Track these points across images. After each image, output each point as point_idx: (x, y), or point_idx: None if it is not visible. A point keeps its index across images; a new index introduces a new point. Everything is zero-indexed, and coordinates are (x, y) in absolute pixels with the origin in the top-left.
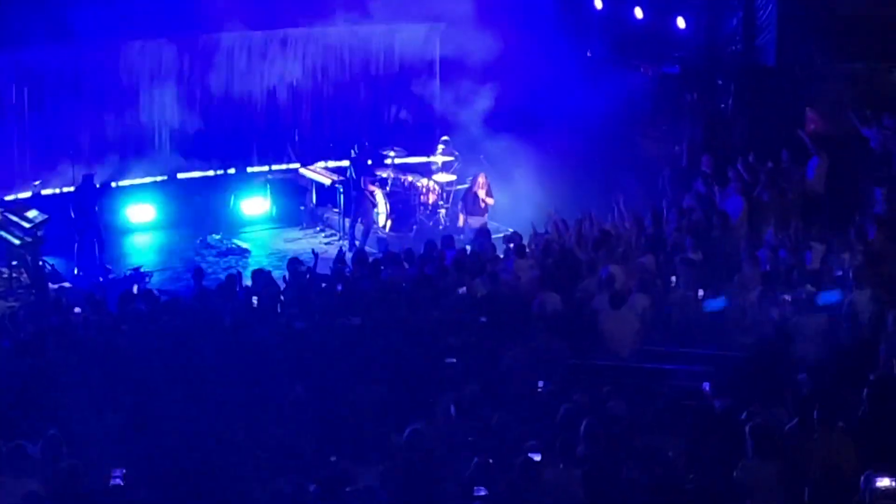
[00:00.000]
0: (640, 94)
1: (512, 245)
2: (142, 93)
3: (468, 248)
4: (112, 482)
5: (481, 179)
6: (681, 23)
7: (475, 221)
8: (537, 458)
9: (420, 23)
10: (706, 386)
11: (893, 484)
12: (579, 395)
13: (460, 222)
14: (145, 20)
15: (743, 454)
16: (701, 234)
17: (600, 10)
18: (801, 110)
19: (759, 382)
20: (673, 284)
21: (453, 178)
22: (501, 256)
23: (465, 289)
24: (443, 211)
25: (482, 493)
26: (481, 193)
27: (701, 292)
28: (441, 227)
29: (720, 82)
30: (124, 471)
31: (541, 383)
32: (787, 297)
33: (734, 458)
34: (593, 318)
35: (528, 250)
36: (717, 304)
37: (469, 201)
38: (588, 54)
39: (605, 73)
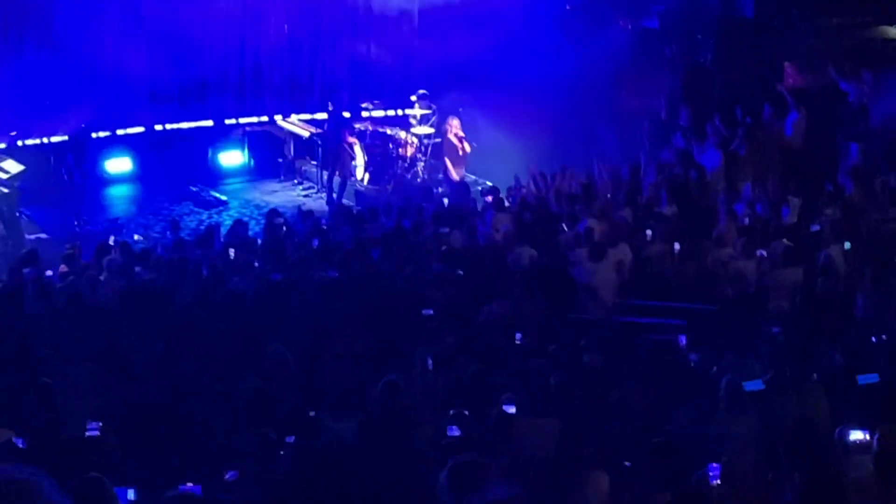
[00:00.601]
0: (618, 48)
1: (490, 199)
2: (118, 41)
3: (445, 200)
4: (88, 434)
5: (454, 122)
6: None
7: (457, 171)
8: (512, 410)
9: None
10: (682, 339)
11: (867, 438)
12: (555, 347)
13: (452, 172)
14: None
15: (717, 408)
16: (677, 188)
17: None
18: (780, 64)
19: (734, 336)
20: (649, 239)
21: (431, 131)
22: (479, 210)
23: (443, 243)
24: (421, 164)
25: (455, 433)
26: (454, 139)
27: (677, 246)
28: (419, 181)
29: (699, 36)
30: (101, 423)
31: (518, 336)
32: (763, 253)
33: (708, 412)
34: (571, 272)
35: (506, 204)
36: (756, 385)
37: (447, 149)
38: (567, 7)
39: (583, 26)
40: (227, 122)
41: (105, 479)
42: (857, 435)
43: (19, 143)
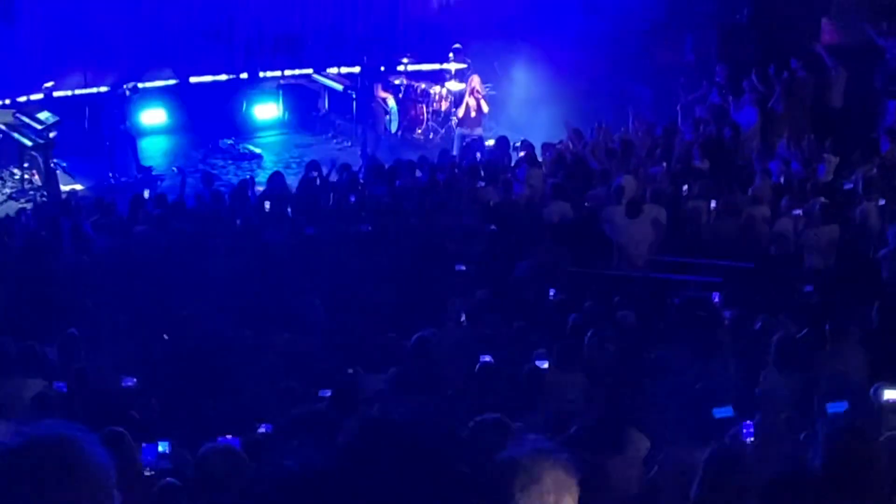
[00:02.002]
0: (655, 4)
1: (524, 154)
2: None
3: (478, 155)
4: (124, 385)
5: (474, 79)
6: None
7: (471, 132)
8: (544, 365)
9: None
10: (716, 296)
11: None
12: (589, 304)
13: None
14: None
15: (752, 365)
16: (712, 144)
17: None
18: (817, 21)
19: (769, 294)
20: (685, 194)
21: (465, 85)
22: (514, 165)
23: (477, 198)
24: (455, 118)
25: (487, 359)
26: (472, 101)
27: (713, 203)
28: (453, 135)
29: None
30: (136, 379)
31: (552, 292)
32: (799, 212)
33: (740, 369)
34: (605, 228)
35: (540, 159)
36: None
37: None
38: None
39: None
40: (262, 74)
41: (126, 434)
42: (891, 394)
43: (55, 94)
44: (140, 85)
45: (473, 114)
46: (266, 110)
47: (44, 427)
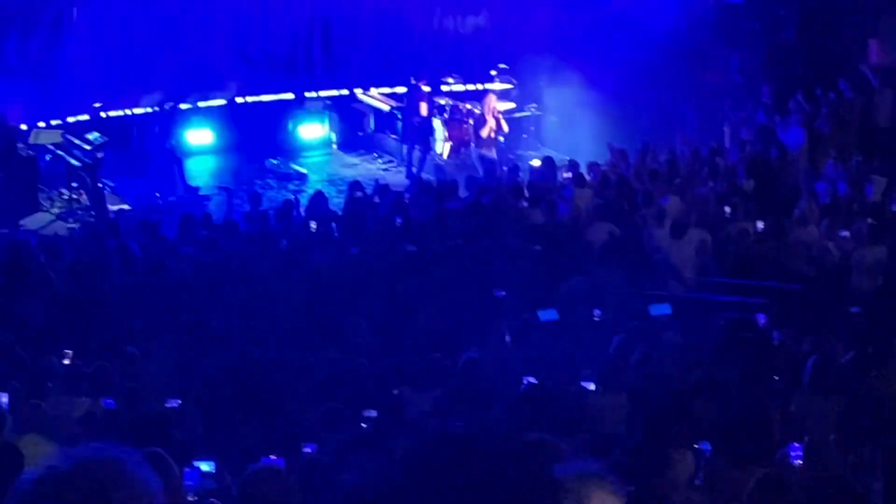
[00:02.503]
0: (700, 23)
1: (570, 174)
2: (199, 15)
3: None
4: (169, 406)
5: (491, 99)
6: None
7: (486, 152)
8: (591, 387)
9: None
10: (761, 318)
11: None
12: (635, 324)
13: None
14: None
15: (799, 387)
16: (758, 165)
17: None
18: (864, 41)
19: (815, 315)
20: (729, 216)
21: (511, 105)
22: (560, 185)
23: (522, 218)
24: (501, 139)
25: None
26: (492, 122)
27: (760, 224)
28: (498, 155)
29: (783, 12)
30: (180, 401)
31: (596, 312)
32: (846, 233)
33: (790, 391)
34: (651, 249)
35: (586, 179)
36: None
37: (474, 126)
38: None
39: (665, 1)
40: (308, 95)
41: (166, 455)
42: None
43: (103, 114)
44: (186, 105)
45: (493, 134)
46: (312, 130)
47: (92, 449)
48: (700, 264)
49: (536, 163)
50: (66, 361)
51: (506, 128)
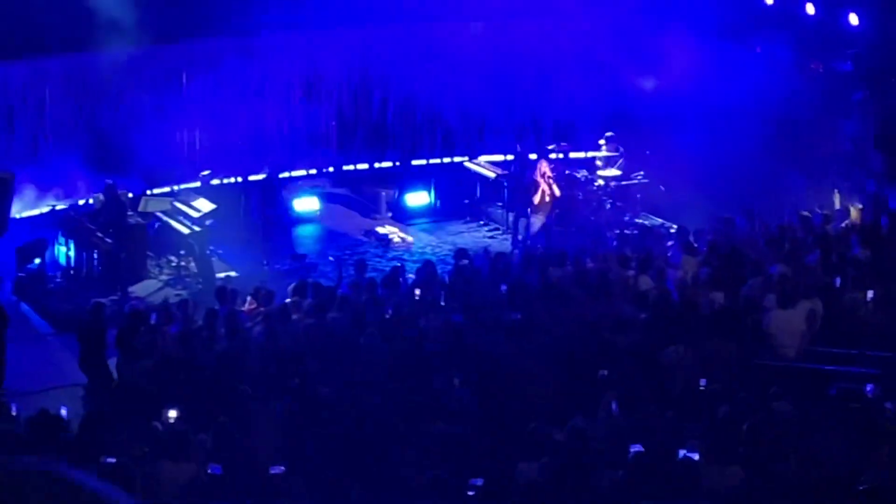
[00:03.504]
0: (809, 91)
1: (679, 241)
2: (310, 86)
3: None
4: (273, 472)
5: (542, 165)
6: (853, 19)
7: (535, 219)
8: (696, 457)
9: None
10: (869, 388)
11: None
12: (744, 394)
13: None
14: (328, 12)
15: None
16: (869, 234)
17: (771, 6)
18: None
19: None
20: (839, 285)
21: (618, 173)
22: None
23: (629, 286)
24: (607, 206)
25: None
26: (545, 187)
27: (870, 294)
28: (605, 223)
29: (893, 80)
30: (285, 468)
31: (702, 382)
32: None
33: None
34: (760, 318)
35: (694, 246)
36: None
37: (526, 193)
38: (757, 50)
39: (774, 69)
40: (414, 163)
41: None
42: None
43: (212, 182)
44: (293, 173)
45: (547, 199)
46: (418, 198)
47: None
48: (810, 333)
49: (643, 231)
50: (172, 425)
51: (557, 192)
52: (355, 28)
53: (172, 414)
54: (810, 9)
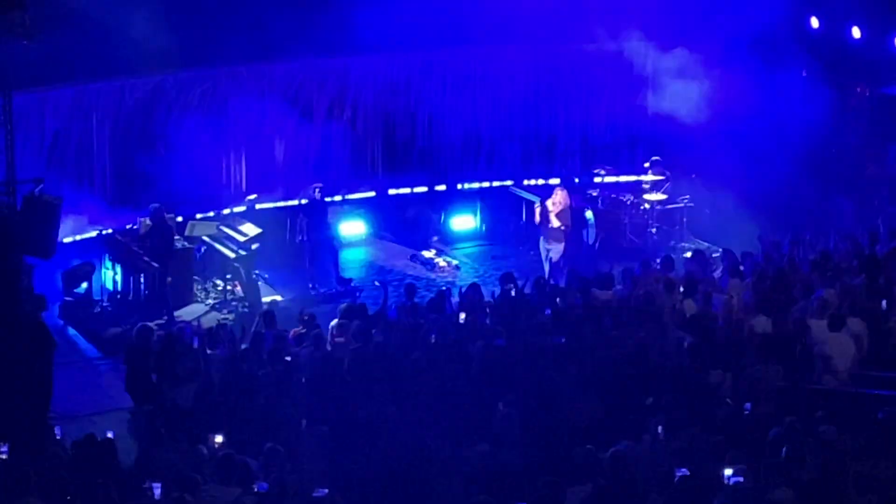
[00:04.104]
0: (855, 115)
1: (725, 265)
2: (354, 109)
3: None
4: (316, 495)
5: (558, 196)
6: None
7: (553, 248)
8: (740, 479)
9: (633, 40)
10: None
11: None
12: (791, 418)
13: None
14: (373, 35)
15: None
16: None
17: (816, 29)
18: None
19: None
20: (885, 308)
21: (664, 197)
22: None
23: (676, 310)
24: (653, 230)
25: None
26: (553, 216)
27: None
28: (651, 247)
29: None
30: (328, 491)
31: (747, 406)
32: None
33: None
34: (807, 342)
35: (741, 269)
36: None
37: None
38: (803, 74)
39: (820, 93)
40: (460, 186)
41: None
42: None
43: (257, 206)
44: (339, 197)
45: (562, 228)
46: (463, 222)
47: None
48: (858, 357)
49: (689, 254)
50: (217, 449)
51: (556, 223)
52: (398, 52)
53: (219, 439)
54: (856, 32)
